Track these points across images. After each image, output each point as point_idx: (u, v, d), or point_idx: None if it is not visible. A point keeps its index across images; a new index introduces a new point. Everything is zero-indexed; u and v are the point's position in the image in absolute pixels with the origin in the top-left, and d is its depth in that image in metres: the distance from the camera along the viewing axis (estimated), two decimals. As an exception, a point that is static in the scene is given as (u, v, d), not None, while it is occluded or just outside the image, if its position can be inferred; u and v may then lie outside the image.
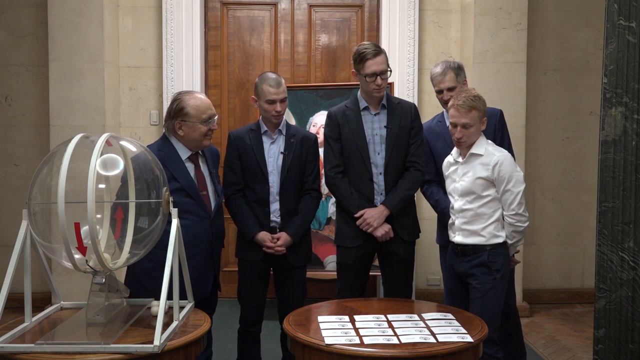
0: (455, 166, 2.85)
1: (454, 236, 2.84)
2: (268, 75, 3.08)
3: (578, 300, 4.87)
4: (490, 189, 2.74)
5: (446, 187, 2.94)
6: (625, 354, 2.59)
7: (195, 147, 2.79)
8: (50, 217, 2.17)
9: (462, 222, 2.79)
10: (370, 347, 2.13)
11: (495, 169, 2.71)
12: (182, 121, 2.71)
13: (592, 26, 4.76)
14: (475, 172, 2.75)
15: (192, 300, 2.53)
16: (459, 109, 2.74)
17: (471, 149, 2.78)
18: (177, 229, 2.30)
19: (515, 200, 2.72)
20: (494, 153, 2.76)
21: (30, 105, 4.65)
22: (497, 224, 2.75)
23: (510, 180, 2.72)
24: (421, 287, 4.75)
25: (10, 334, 2.11)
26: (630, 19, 2.51)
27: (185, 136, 2.74)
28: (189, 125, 2.72)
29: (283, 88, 3.05)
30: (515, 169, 2.75)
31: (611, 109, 2.60)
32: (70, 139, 2.16)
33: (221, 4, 4.77)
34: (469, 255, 2.77)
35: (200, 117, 2.72)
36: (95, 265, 2.13)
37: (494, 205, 2.75)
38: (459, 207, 2.80)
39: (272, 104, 3.02)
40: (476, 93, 2.79)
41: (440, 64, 3.21)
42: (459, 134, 2.75)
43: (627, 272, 2.59)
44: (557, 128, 4.85)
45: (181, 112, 2.71)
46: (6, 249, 3.55)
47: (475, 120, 2.74)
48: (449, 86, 3.13)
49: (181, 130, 2.72)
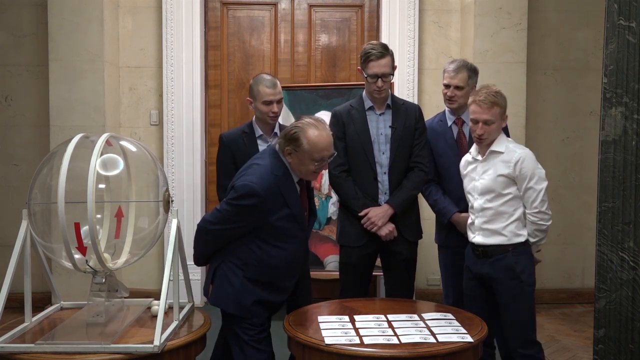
0: (475, 164, 2.79)
1: (473, 236, 2.77)
2: (263, 76, 3.09)
3: (578, 300, 4.87)
4: (511, 186, 2.69)
5: (464, 186, 2.87)
6: (625, 354, 2.59)
7: (299, 175, 2.52)
8: (50, 217, 2.17)
9: (482, 221, 2.73)
10: (370, 347, 2.13)
11: (517, 166, 2.66)
12: (294, 150, 2.42)
13: (592, 26, 4.76)
14: (496, 170, 2.69)
15: (191, 301, 2.53)
16: (481, 105, 2.67)
17: (491, 147, 2.72)
18: (178, 229, 2.30)
19: (538, 198, 2.66)
20: (515, 150, 2.70)
21: (30, 105, 4.65)
22: (518, 222, 2.70)
23: (532, 177, 2.66)
24: (421, 287, 4.75)
25: (10, 334, 2.11)
26: (630, 19, 2.51)
27: (292, 164, 2.45)
28: (299, 158, 2.42)
29: (279, 89, 3.06)
30: (537, 166, 2.69)
31: (611, 109, 2.60)
32: (70, 139, 2.16)
33: (221, 4, 4.76)
34: (491, 257, 2.70)
35: (313, 155, 2.40)
36: (95, 265, 2.13)
37: (515, 203, 2.70)
38: (479, 205, 2.74)
39: (269, 105, 3.02)
40: (497, 89, 2.73)
41: (457, 61, 3.19)
42: (480, 130, 2.69)
43: (627, 272, 2.58)
44: (557, 128, 4.85)
45: (296, 143, 2.40)
46: (6, 249, 3.55)
47: (496, 117, 2.68)
48: (457, 84, 3.11)
49: (290, 157, 2.44)
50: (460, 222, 3.09)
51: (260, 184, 2.35)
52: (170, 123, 4.60)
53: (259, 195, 2.33)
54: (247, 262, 2.41)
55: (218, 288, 2.45)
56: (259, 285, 2.43)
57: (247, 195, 2.34)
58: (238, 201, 2.36)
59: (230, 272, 2.42)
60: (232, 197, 2.38)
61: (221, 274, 2.45)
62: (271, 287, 2.46)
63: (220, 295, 2.43)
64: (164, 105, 4.60)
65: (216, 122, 4.78)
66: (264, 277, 2.43)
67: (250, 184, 2.35)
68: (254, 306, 2.42)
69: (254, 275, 2.42)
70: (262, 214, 2.38)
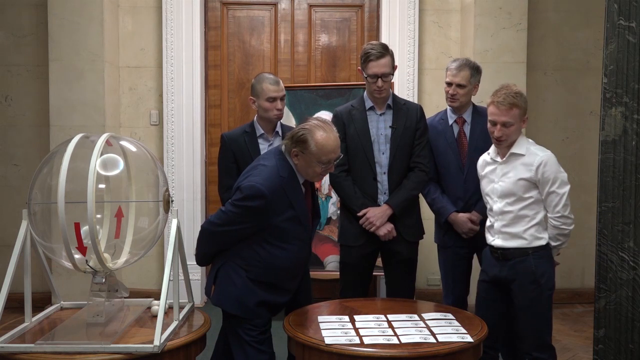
0: (494, 166, 2.71)
1: (492, 239, 2.69)
2: (265, 75, 3.09)
3: (578, 300, 4.87)
4: (532, 190, 2.61)
5: (482, 188, 2.80)
6: (625, 354, 2.59)
7: (305, 177, 2.52)
8: (50, 217, 2.17)
9: (502, 224, 2.65)
10: (370, 347, 2.13)
11: (539, 169, 2.58)
12: (301, 152, 2.41)
13: (592, 26, 4.76)
14: (517, 173, 2.62)
15: (191, 301, 2.53)
16: (499, 107, 2.59)
17: (512, 149, 2.65)
18: (178, 229, 2.30)
19: (561, 202, 2.59)
20: (536, 153, 2.62)
21: (30, 105, 4.65)
22: (538, 226, 2.63)
23: (555, 181, 2.59)
24: (421, 287, 4.74)
25: (10, 334, 2.11)
26: (630, 19, 2.51)
27: (298, 166, 2.45)
28: (306, 160, 2.41)
29: (282, 86, 3.07)
30: (559, 169, 2.62)
31: (611, 109, 2.60)
32: (70, 139, 2.16)
33: (221, 4, 4.76)
34: (511, 260, 2.63)
35: (321, 157, 2.40)
36: (95, 265, 2.13)
37: (536, 207, 2.62)
38: (499, 209, 2.66)
39: (273, 102, 3.02)
40: (517, 89, 2.64)
41: (460, 59, 3.17)
42: (498, 132, 2.60)
43: (627, 272, 2.58)
44: (557, 128, 4.84)
45: (303, 145, 2.39)
46: (6, 249, 3.55)
47: (516, 119, 2.59)
48: (459, 82, 3.08)
49: (297, 159, 2.43)
50: (458, 221, 3.09)
51: (266, 185, 2.33)
52: (170, 123, 4.60)
53: (265, 196, 2.32)
54: (250, 263, 2.41)
55: (221, 288, 2.44)
56: (262, 286, 2.42)
57: (254, 197, 2.33)
58: (244, 202, 2.34)
59: (233, 272, 2.42)
60: (238, 198, 2.36)
61: (224, 275, 2.44)
62: (274, 288, 2.45)
63: (223, 295, 2.43)
64: (164, 105, 4.60)
65: (216, 122, 4.78)
66: (267, 278, 2.42)
67: (256, 185, 2.33)
68: (257, 307, 2.41)
69: (257, 276, 2.41)
70: (267, 215, 2.36)
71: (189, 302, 2.51)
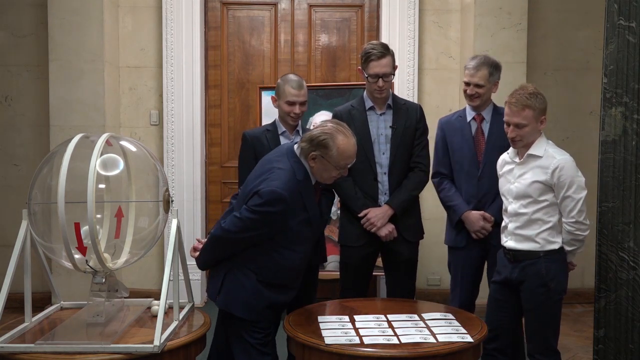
0: (511, 166, 2.67)
1: (506, 240, 2.67)
2: (290, 77, 3.05)
3: (578, 300, 4.87)
4: (547, 193, 2.56)
5: (499, 187, 2.76)
6: (625, 354, 2.59)
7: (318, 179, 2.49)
8: (50, 217, 2.17)
9: (516, 226, 2.61)
10: (370, 347, 2.13)
11: (555, 173, 2.53)
12: (321, 156, 2.37)
13: (592, 26, 4.75)
14: (533, 175, 2.57)
15: (191, 301, 2.53)
16: (511, 107, 2.56)
17: (529, 150, 2.60)
18: (178, 229, 2.30)
19: (576, 207, 2.54)
20: (554, 156, 2.56)
21: (30, 105, 4.64)
22: (552, 230, 2.58)
23: (571, 186, 2.53)
24: (421, 287, 4.74)
25: (10, 334, 2.11)
26: (630, 19, 2.51)
27: (314, 168, 2.41)
28: (324, 163, 2.37)
29: (304, 91, 3.02)
30: (576, 173, 2.55)
31: (611, 109, 2.60)
32: (70, 139, 2.16)
33: (221, 4, 4.76)
34: (521, 262, 2.60)
35: (339, 162, 2.38)
36: (95, 265, 2.13)
37: (551, 211, 2.57)
38: (513, 210, 2.62)
39: (292, 106, 3.00)
40: (533, 90, 2.58)
41: (478, 57, 3.07)
42: (511, 133, 2.57)
43: (627, 272, 2.58)
44: (557, 128, 4.83)
45: (324, 149, 2.35)
46: (6, 249, 3.54)
47: (529, 120, 2.54)
48: (477, 82, 2.99)
49: (314, 162, 2.38)
50: (470, 219, 3.01)
51: (286, 189, 2.28)
52: (170, 123, 4.60)
53: (287, 201, 2.27)
54: (261, 266, 2.35)
55: (229, 292, 2.37)
56: (272, 288, 2.38)
57: (275, 201, 2.26)
58: (264, 207, 2.27)
59: (243, 276, 2.36)
60: (257, 204, 2.27)
61: (233, 279, 2.37)
62: (283, 288, 2.43)
63: (232, 299, 2.36)
64: (164, 105, 4.60)
65: (216, 122, 4.78)
66: (278, 280, 2.39)
67: (277, 190, 2.26)
68: (265, 310, 2.38)
69: (268, 278, 2.36)
70: (285, 219, 2.32)
71: (189, 302, 2.51)
